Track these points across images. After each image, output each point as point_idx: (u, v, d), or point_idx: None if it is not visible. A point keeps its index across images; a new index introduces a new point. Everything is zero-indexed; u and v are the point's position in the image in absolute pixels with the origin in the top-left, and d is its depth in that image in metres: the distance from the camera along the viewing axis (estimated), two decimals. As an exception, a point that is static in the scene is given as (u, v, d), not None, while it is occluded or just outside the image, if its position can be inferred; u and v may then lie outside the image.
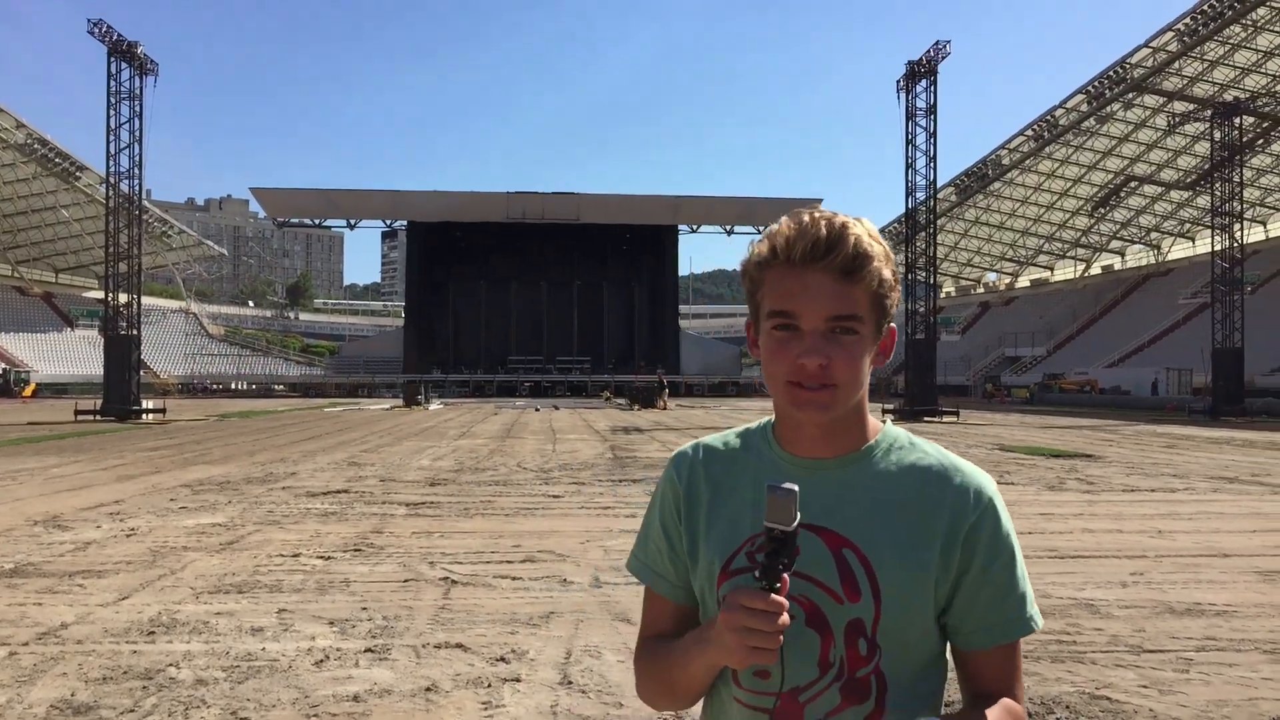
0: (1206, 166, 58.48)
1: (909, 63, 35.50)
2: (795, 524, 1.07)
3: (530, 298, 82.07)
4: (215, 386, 74.57)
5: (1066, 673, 4.66)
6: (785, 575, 1.09)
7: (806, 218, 1.21)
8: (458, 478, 13.75)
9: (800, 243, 1.19)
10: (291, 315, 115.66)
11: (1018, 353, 75.47)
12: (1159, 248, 76.19)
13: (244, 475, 14.04)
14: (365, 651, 5.04)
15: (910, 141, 35.59)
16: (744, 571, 1.24)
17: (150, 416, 32.77)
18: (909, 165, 35.58)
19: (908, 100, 35.75)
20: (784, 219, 1.23)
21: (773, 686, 1.22)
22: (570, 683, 4.53)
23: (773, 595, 1.08)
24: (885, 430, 1.32)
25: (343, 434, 24.92)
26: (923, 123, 35.44)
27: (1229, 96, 47.17)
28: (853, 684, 1.22)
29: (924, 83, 35.26)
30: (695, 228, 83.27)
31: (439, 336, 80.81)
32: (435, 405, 48.07)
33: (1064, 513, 10.14)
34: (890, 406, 35.89)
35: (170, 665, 4.77)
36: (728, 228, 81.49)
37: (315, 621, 5.68)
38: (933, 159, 35.11)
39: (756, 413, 44.21)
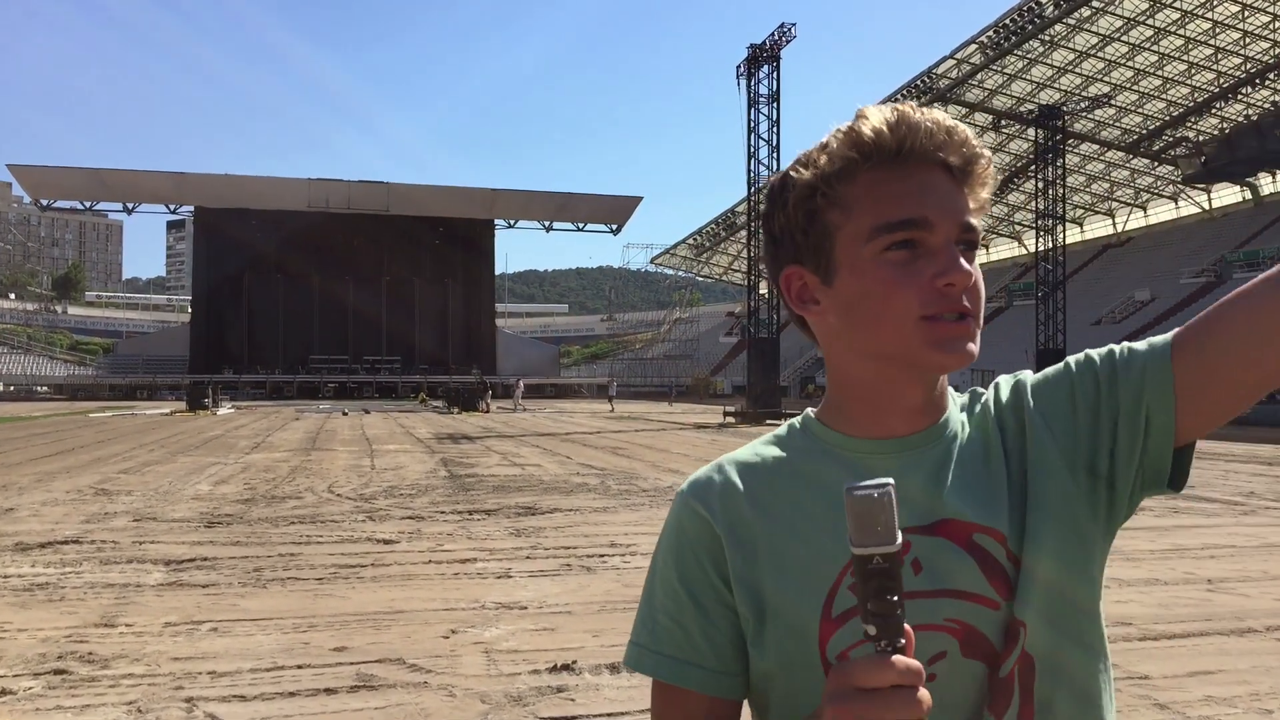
0: (1004, 176, 61.19)
1: (751, 46, 33.86)
2: (899, 540, 0.68)
3: (335, 293, 76.00)
4: (-37, 389, 65.35)
5: None
6: (905, 623, 0.69)
7: (902, 108, 0.87)
8: (247, 512, 10.34)
9: (910, 132, 0.86)
10: (59, 309, 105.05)
11: (830, 353, 76.87)
12: (958, 253, 79.72)
13: (-63, 514, 10.11)
14: None
15: (753, 129, 33.88)
16: (856, 614, 0.74)
17: None
18: (751, 154, 33.88)
19: (749, 86, 34.08)
20: (859, 119, 0.87)
21: None
22: None
23: (896, 658, 0.68)
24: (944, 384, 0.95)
25: (103, 446, 20.52)
26: (765, 110, 33.83)
27: (1024, 110, 48.83)
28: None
29: (766, 68, 33.67)
30: (512, 222, 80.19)
31: (231, 334, 74.07)
32: (226, 409, 42.81)
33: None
34: (731, 409, 34.15)
35: None
36: (546, 223, 78.90)
37: None
38: (776, 148, 33.53)
39: (585, 414, 41.32)
